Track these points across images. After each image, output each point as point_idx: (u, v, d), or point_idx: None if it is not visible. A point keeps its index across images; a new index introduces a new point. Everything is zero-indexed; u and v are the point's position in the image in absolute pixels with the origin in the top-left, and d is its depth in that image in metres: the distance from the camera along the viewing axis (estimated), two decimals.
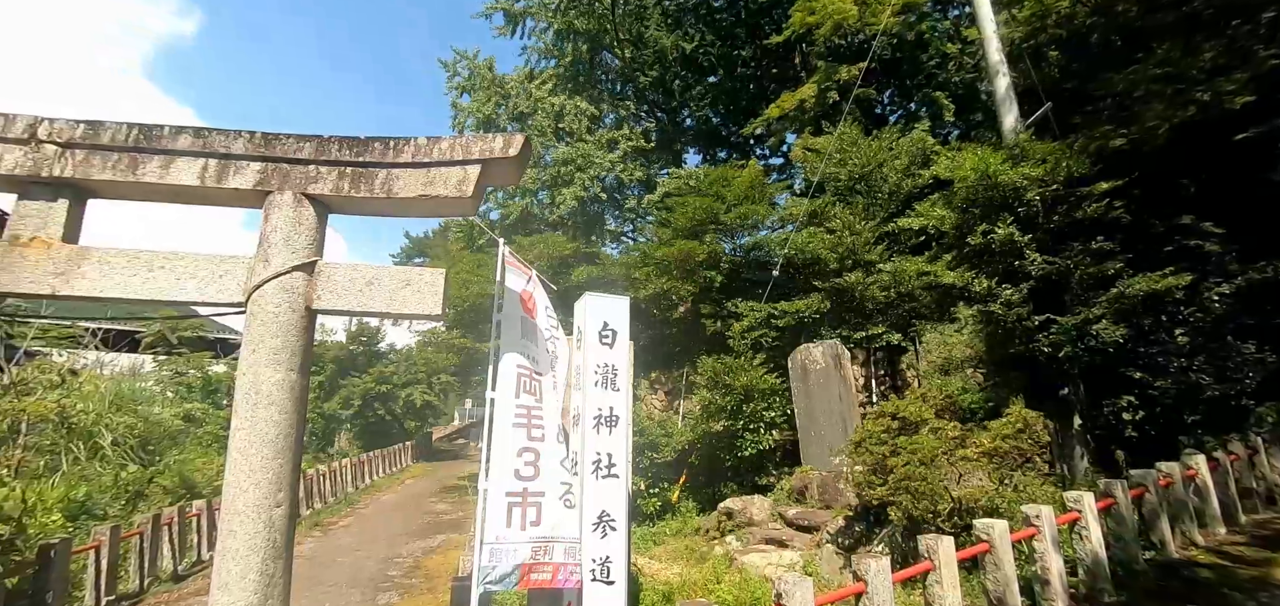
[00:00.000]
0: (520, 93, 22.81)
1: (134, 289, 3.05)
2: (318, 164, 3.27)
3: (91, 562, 6.08)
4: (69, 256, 3.06)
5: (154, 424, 10.50)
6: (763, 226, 12.87)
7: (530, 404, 3.94)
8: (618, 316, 4.14)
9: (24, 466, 7.17)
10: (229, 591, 2.66)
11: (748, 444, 9.22)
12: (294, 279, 3.07)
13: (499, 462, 3.50)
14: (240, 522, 2.71)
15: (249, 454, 2.79)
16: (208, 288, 3.08)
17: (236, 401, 2.87)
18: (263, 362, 2.90)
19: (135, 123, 3.20)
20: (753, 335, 10.56)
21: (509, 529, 3.49)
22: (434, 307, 3.27)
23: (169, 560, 7.29)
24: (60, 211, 3.14)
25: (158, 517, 7.19)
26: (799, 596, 3.65)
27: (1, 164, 3.11)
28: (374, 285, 3.22)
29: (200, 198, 3.32)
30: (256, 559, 2.71)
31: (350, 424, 20.45)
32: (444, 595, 7.15)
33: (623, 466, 3.89)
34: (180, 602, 6.65)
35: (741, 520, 8.70)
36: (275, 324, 2.97)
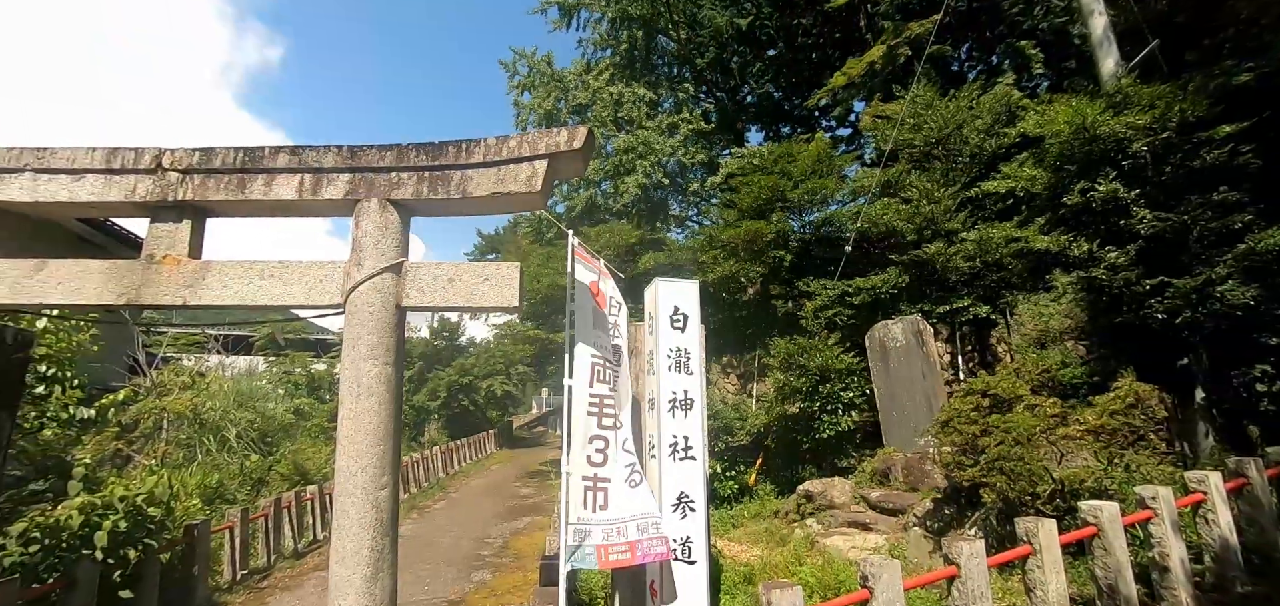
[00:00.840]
0: (578, 85, 23.11)
1: (249, 296, 3.38)
2: (398, 171, 3.49)
3: (227, 541, 6.85)
4: (195, 270, 3.44)
5: (270, 418, 11.63)
6: (832, 201, 12.43)
7: (603, 393, 4.04)
8: (688, 300, 4.15)
9: (167, 457, 8.16)
10: (346, 564, 2.92)
11: (825, 426, 9.00)
12: (384, 279, 3.30)
13: (577, 447, 3.62)
14: (351, 503, 2.98)
15: (356, 440, 3.05)
16: (311, 292, 3.37)
17: (342, 394, 3.13)
18: (362, 357, 3.15)
19: (241, 146, 3.54)
20: (826, 314, 10.25)
21: (586, 510, 3.62)
22: (511, 300, 3.42)
23: (289, 539, 8.07)
24: (185, 231, 3.53)
25: (279, 501, 7.98)
26: (886, 579, 3.56)
27: (135, 192, 3.53)
28: (455, 282, 3.41)
29: (299, 210, 3.63)
30: (367, 535, 2.97)
31: (438, 414, 21.69)
32: (532, 572, 7.49)
33: (699, 448, 3.92)
34: (301, 577, 7.34)
35: (822, 503, 8.53)
36: (371, 321, 3.21)
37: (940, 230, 10.17)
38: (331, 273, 3.39)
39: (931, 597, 5.07)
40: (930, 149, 11.15)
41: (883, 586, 3.55)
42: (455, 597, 6.63)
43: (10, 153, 3.58)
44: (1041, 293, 9.61)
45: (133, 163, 3.53)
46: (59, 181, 3.55)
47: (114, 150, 3.56)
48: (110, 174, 3.54)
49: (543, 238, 23.15)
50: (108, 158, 3.54)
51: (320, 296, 3.37)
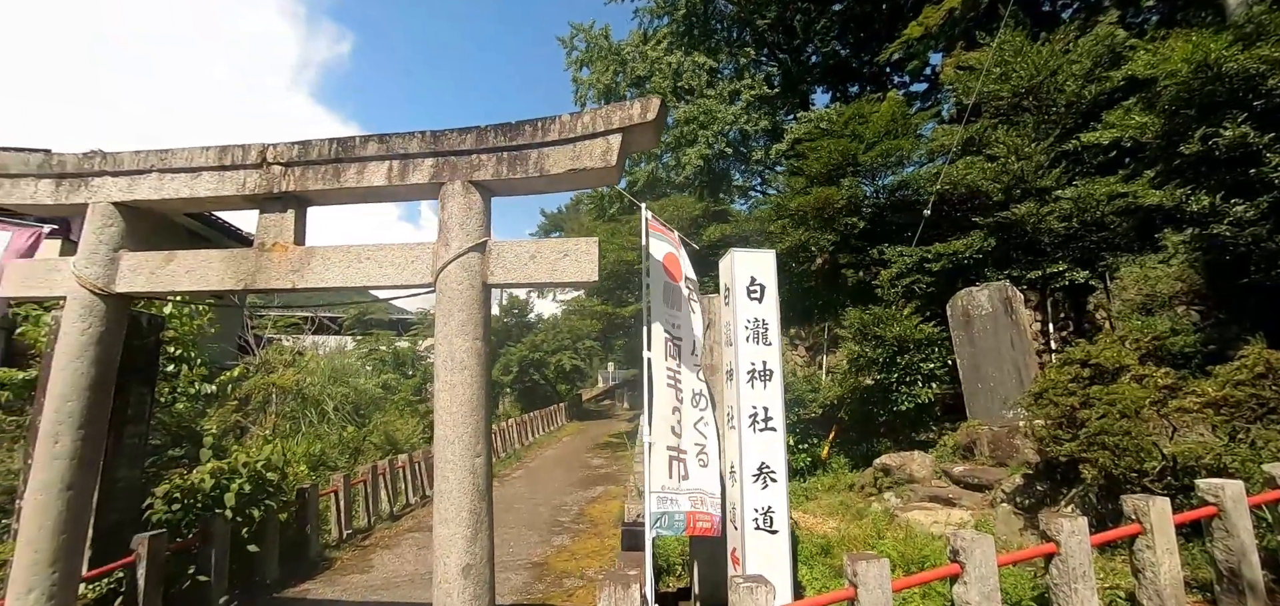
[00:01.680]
0: (636, 56, 22.87)
1: (348, 277, 3.62)
2: (478, 152, 3.60)
3: (333, 503, 7.48)
4: (300, 256, 3.71)
5: (361, 392, 12.49)
6: (908, 162, 11.77)
7: (675, 367, 4.08)
8: (764, 271, 4.08)
9: (277, 428, 8.95)
10: (448, 524, 3.13)
11: (903, 398, 8.67)
12: (470, 258, 3.44)
13: (658, 420, 3.68)
14: (451, 470, 3.17)
15: (452, 411, 3.23)
16: (403, 272, 3.57)
17: (437, 368, 3.32)
18: (454, 333, 3.32)
19: (335, 138, 3.76)
20: (903, 282, 9.80)
21: (671, 479, 3.69)
22: (590, 274, 3.49)
23: (385, 502, 8.71)
24: (289, 220, 3.81)
25: (375, 468, 8.61)
26: (979, 554, 3.43)
27: (245, 186, 3.84)
28: (536, 258, 3.51)
29: (388, 196, 3.83)
30: (466, 500, 3.15)
31: (510, 389, 22.57)
32: (608, 538, 7.74)
33: (779, 419, 3.89)
34: (398, 537, 7.92)
35: (900, 477, 8.27)
36: (461, 299, 3.37)
37: (1031, 188, 9.45)
38: (421, 254, 3.57)
39: (1025, 576, 4.84)
40: (1019, 100, 10.31)
41: (975, 561, 3.43)
42: (538, 559, 6.95)
43: (138, 156, 3.97)
44: (1148, 254, 8.76)
45: (241, 159, 3.83)
46: (181, 179, 3.90)
47: (224, 148, 3.87)
48: (222, 170, 3.86)
49: (605, 214, 23.32)
50: (219, 156, 3.86)
51: (412, 276, 3.56)
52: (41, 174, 4.07)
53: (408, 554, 7.21)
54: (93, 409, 3.74)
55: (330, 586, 6.12)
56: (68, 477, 3.60)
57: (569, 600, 5.79)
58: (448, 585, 3.09)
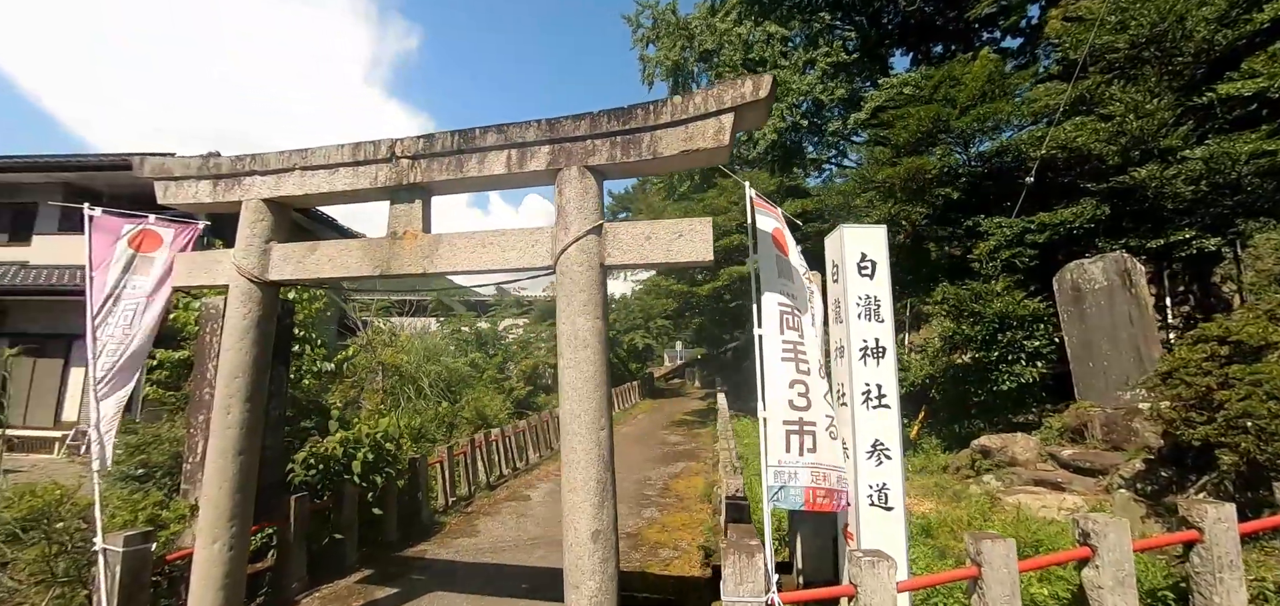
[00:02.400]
0: (704, 30, 22.44)
1: (473, 262, 3.85)
2: (592, 138, 3.71)
3: (439, 473, 8.02)
4: (429, 243, 3.97)
5: (452, 370, 13.22)
6: (1006, 127, 11.00)
7: (794, 339, 4.05)
8: (875, 247, 3.99)
9: (383, 402, 9.66)
10: (576, 492, 3.32)
11: (1004, 378, 8.24)
12: (588, 241, 3.57)
13: (773, 393, 3.70)
14: (579, 442, 3.34)
15: (577, 387, 3.39)
16: (525, 256, 3.76)
17: (561, 346, 3.49)
18: (577, 313, 3.47)
19: (456, 130, 3.98)
20: (1002, 255, 9.25)
21: (789, 454, 3.70)
22: (705, 254, 3.54)
23: (482, 473, 9.24)
24: (417, 210, 4.08)
25: (473, 441, 9.15)
26: (1113, 538, 3.28)
27: (377, 180, 4.13)
28: (651, 239, 3.60)
29: (506, 183, 4.02)
30: (593, 470, 3.32)
31: None
32: (696, 512, 7.89)
33: (893, 396, 3.82)
34: (497, 505, 8.40)
35: (1001, 459, 7.91)
36: (581, 280, 3.51)
37: (1153, 149, 8.63)
38: (541, 238, 3.74)
39: (1156, 565, 4.56)
40: (1139, 51, 9.39)
41: (1109, 545, 3.28)
42: (631, 530, 7.18)
43: (283, 156, 4.35)
44: None
45: (372, 154, 4.13)
46: (320, 175, 4.25)
47: (357, 145, 4.18)
48: (356, 165, 4.17)
49: (675, 192, 23.25)
50: (353, 152, 4.17)
51: (533, 259, 3.74)
52: (201, 175, 4.55)
53: (508, 521, 7.64)
54: (255, 383, 4.20)
55: (443, 548, 6.59)
56: (239, 443, 4.08)
57: (666, 569, 5.98)
58: (578, 548, 3.28)
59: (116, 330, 4.57)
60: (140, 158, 4.74)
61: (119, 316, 4.60)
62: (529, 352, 19.63)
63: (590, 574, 3.26)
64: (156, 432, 6.21)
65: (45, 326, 13.49)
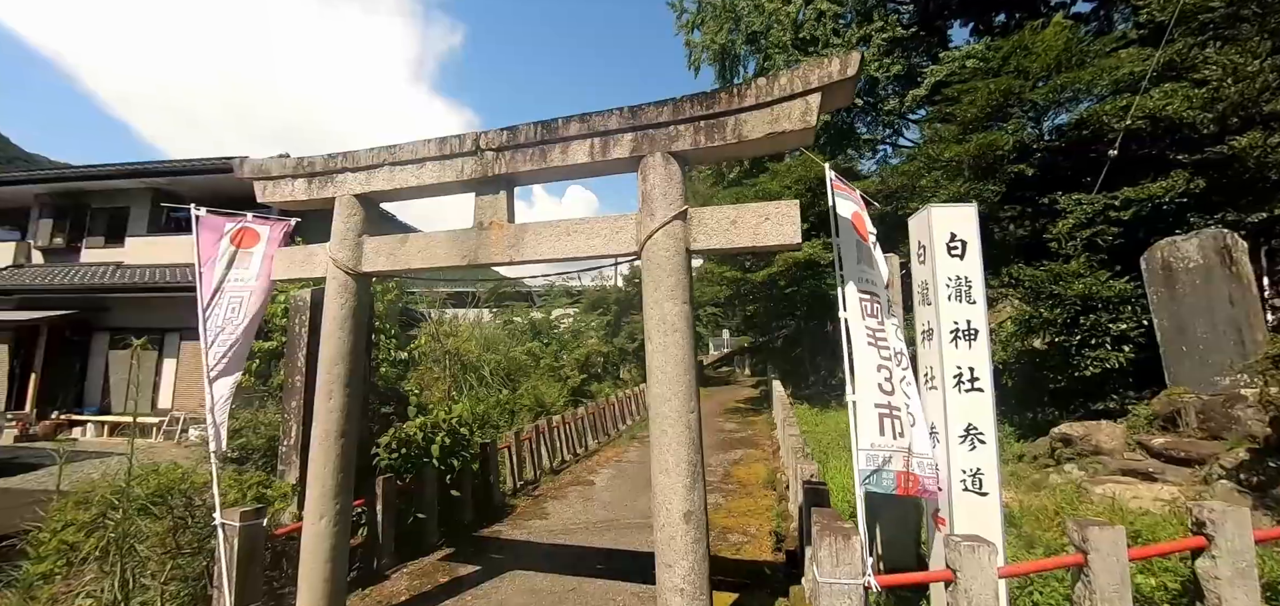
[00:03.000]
0: (751, 11, 22.01)
1: (559, 250, 3.93)
2: (675, 124, 3.72)
3: (507, 458, 8.27)
4: (515, 233, 4.08)
5: (510, 359, 13.55)
6: (1084, 97, 10.37)
7: (874, 326, 3.99)
8: (965, 226, 3.86)
9: (450, 390, 10.01)
10: (668, 474, 3.36)
11: (1088, 362, 7.83)
12: (674, 226, 3.59)
13: (862, 378, 3.65)
14: (669, 425, 3.39)
15: (666, 371, 3.44)
16: (610, 242, 3.81)
17: (649, 331, 3.53)
18: (664, 298, 3.50)
19: (539, 122, 4.05)
20: (1083, 234, 8.76)
21: (882, 437, 3.66)
22: (792, 237, 3.51)
23: (546, 458, 9.47)
24: (502, 201, 4.19)
25: (538, 427, 9.39)
26: (1232, 527, 3.11)
27: (463, 172, 4.26)
28: (737, 224, 3.59)
29: (589, 172, 4.08)
30: (684, 452, 3.36)
31: (633, 357, 23.21)
32: (760, 499, 7.88)
33: (986, 379, 3.71)
34: (562, 489, 8.61)
35: (1084, 448, 7.54)
36: (668, 265, 3.54)
37: (1254, 115, 7.99)
38: (626, 225, 3.79)
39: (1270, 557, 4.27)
40: (1237, 8, 8.67)
41: (1227, 535, 3.12)
42: None
43: (372, 152, 4.54)
44: None
45: (458, 148, 4.26)
46: (408, 170, 4.42)
47: (443, 139, 4.32)
48: (443, 159, 4.32)
49: (723, 180, 23.01)
50: (440, 146, 4.32)
51: (617, 246, 3.79)
52: (297, 174, 4.80)
53: (576, 504, 7.81)
54: (353, 369, 4.42)
55: (517, 529, 6.80)
56: (340, 426, 4.31)
57: (738, 553, 6.00)
58: (670, 529, 3.33)
59: (223, 321, 4.89)
60: (240, 160, 5.04)
61: (225, 308, 4.92)
62: (580, 341, 19.90)
63: (682, 553, 3.31)
64: (253, 418, 6.63)
65: (140, 321, 14.55)
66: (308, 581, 4.18)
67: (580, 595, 5.04)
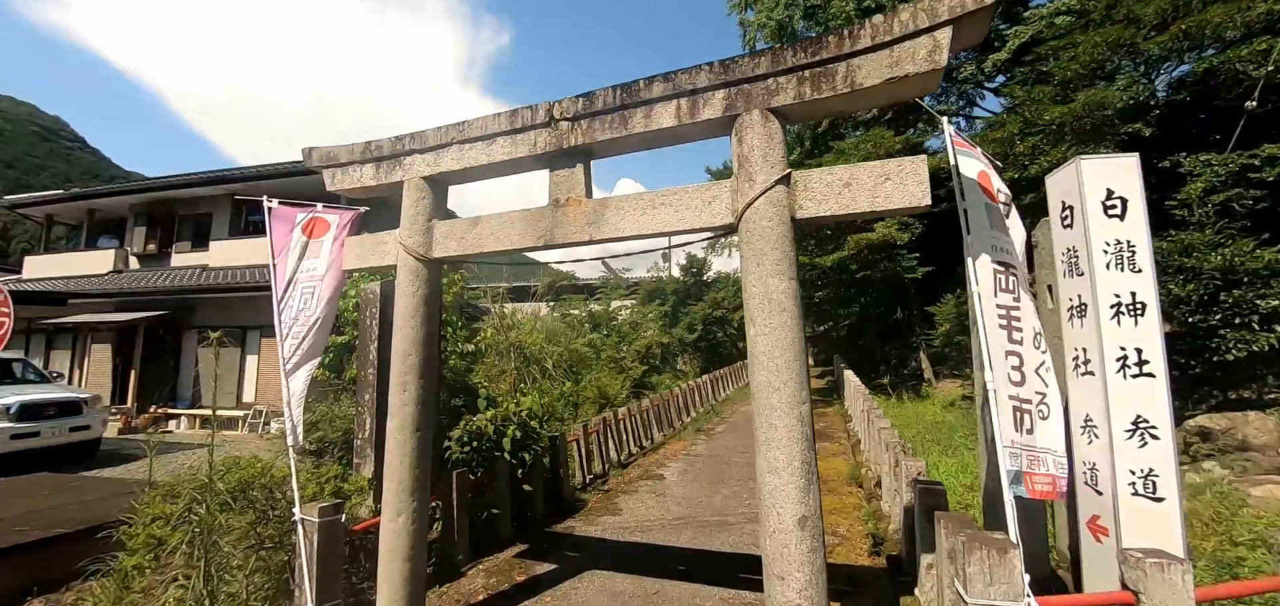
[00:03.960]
0: None
1: (644, 225, 3.56)
2: (775, 76, 3.27)
3: (575, 451, 8.04)
4: (594, 208, 3.74)
5: (572, 351, 13.40)
6: (1210, 44, 9.12)
7: (1008, 303, 3.44)
8: (1125, 180, 3.24)
9: (516, 383, 9.89)
10: (778, 474, 2.94)
11: (1230, 344, 6.84)
12: (777, 192, 3.15)
13: (997, 364, 3.13)
14: (778, 417, 2.97)
15: (774, 356, 3.01)
16: (701, 215, 3.41)
17: (752, 312, 3.11)
18: (769, 274, 3.08)
19: (618, 85, 3.69)
20: (1216, 198, 7.68)
21: (1017, 432, 3.13)
22: (920, 198, 3.01)
23: (614, 451, 9.20)
24: (579, 174, 3.86)
25: (605, 420, 9.13)
26: None
27: (536, 146, 3.95)
28: (851, 186, 3.11)
29: (675, 137, 3.69)
30: (797, 448, 2.94)
31: (692, 347, 22.83)
32: (845, 496, 7.32)
33: (1157, 362, 3.09)
34: (632, 484, 8.32)
35: (1227, 442, 6.59)
36: (772, 237, 3.11)
37: None
38: (719, 193, 3.38)
39: None
40: None
41: None
42: None
43: (440, 132, 4.30)
44: None
45: (530, 120, 3.95)
46: (478, 147, 4.16)
47: (514, 112, 4.03)
48: (515, 134, 4.02)
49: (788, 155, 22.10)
50: (510, 120, 4.03)
51: (710, 218, 3.39)
52: (365, 159, 4.64)
53: (647, 499, 7.49)
54: (428, 360, 4.22)
55: (590, 525, 6.54)
56: (417, 419, 4.12)
57: (830, 556, 5.50)
58: (783, 536, 2.92)
59: (297, 311, 4.81)
60: (309, 150, 4.94)
61: (298, 298, 4.84)
62: (638, 333, 19.62)
63: (798, 564, 2.89)
64: (329, 411, 6.63)
65: (223, 320, 15.28)
66: (387, 580, 4.02)
67: (665, 599, 4.70)
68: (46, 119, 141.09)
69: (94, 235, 20.49)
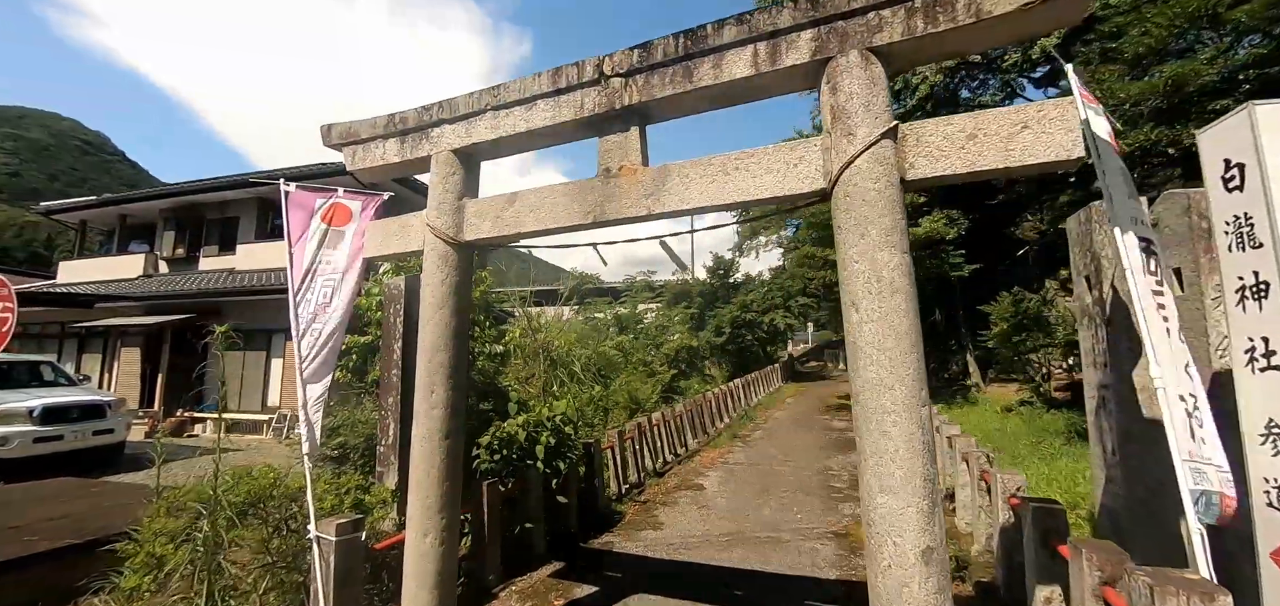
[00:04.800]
0: None
1: (714, 195, 3.01)
2: (877, 9, 2.70)
3: (610, 459, 7.50)
4: (653, 177, 3.21)
5: (601, 355, 12.88)
6: None
7: (1154, 285, 2.82)
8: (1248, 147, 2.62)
9: (548, 387, 9.40)
10: (895, 495, 2.36)
11: None
12: (882, 148, 2.58)
13: (1163, 356, 2.52)
14: (893, 423, 2.38)
15: (887, 347, 2.43)
16: (785, 179, 2.85)
17: (854, 294, 2.54)
18: (877, 246, 2.50)
19: (680, 32, 3.15)
20: None
21: (1192, 442, 2.51)
22: (1069, 148, 2.42)
23: (649, 458, 8.63)
24: (634, 139, 3.33)
25: (640, 426, 8.58)
26: None
27: (583, 108, 3.43)
28: (978, 138, 2.52)
29: (751, 90, 3.13)
30: (918, 462, 2.35)
31: (720, 351, 22.11)
32: None
33: None
34: (670, 494, 7.76)
35: None
36: (878, 202, 2.54)
37: None
38: (808, 153, 2.81)
39: None
40: None
41: None
42: (838, 529, 6.15)
43: (472, 98, 3.81)
44: None
45: (577, 78, 3.44)
46: (515, 114, 3.66)
47: (557, 71, 3.52)
48: (558, 95, 3.51)
49: None
50: (553, 79, 3.52)
51: (797, 183, 2.82)
52: (388, 133, 4.18)
53: (689, 512, 6.91)
54: (457, 359, 3.73)
55: (630, 541, 5.99)
56: (445, 426, 3.62)
57: None
58: (902, 572, 2.33)
59: (316, 307, 4.38)
60: (328, 127, 4.49)
61: (317, 292, 4.40)
62: (665, 336, 19.04)
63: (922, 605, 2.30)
64: (351, 415, 6.21)
65: (250, 322, 15.12)
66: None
67: None
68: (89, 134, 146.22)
69: (125, 240, 20.67)
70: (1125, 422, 3.68)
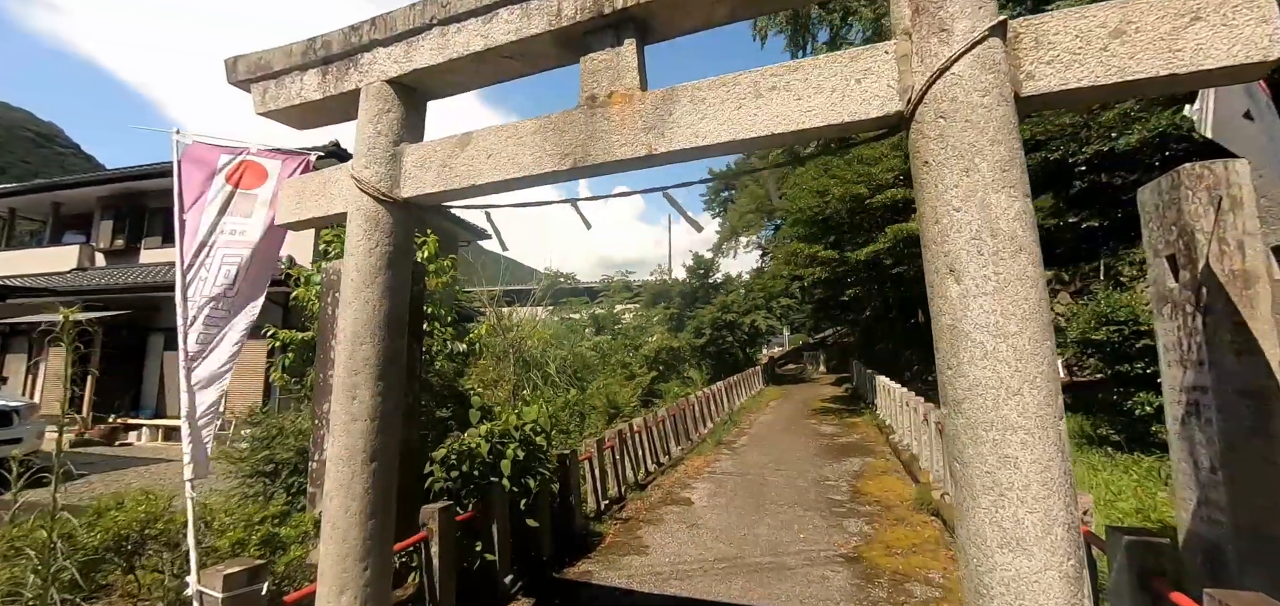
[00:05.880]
0: None
1: (742, 126, 2.20)
2: None
3: (588, 470, 6.65)
4: (655, 105, 2.38)
5: (577, 356, 12.00)
6: None
7: None
8: None
9: (517, 390, 8.50)
10: (1031, 554, 1.55)
11: None
12: (987, 51, 1.80)
13: None
14: (1020, 443, 1.59)
15: (1006, 333, 1.64)
16: (843, 102, 2.05)
17: (954, 258, 1.74)
18: (990, 185, 1.72)
19: None
20: None
21: None
22: (1262, 45, 1.66)
23: (629, 470, 7.79)
24: (629, 54, 2.50)
25: (620, 434, 7.72)
26: None
27: (561, 16, 2.57)
28: (1125, 35, 1.76)
29: None
30: (1057, 502, 1.57)
31: (701, 352, 21.35)
32: (918, 526, 5.98)
33: None
34: (654, 509, 6.97)
35: None
36: (990, 124, 1.75)
37: None
38: (874, 64, 2.02)
39: None
40: None
41: None
42: (848, 552, 5.40)
43: (413, 10, 2.92)
44: None
45: None
46: (469, 28, 2.79)
47: None
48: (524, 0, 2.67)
49: None
50: None
51: (860, 105, 2.03)
52: (306, 63, 3.25)
53: (677, 531, 6.09)
54: (389, 352, 2.84)
55: (612, 570, 5.15)
56: (371, 443, 2.73)
57: None
58: None
59: (212, 289, 3.45)
60: (234, 59, 3.54)
61: (215, 271, 3.48)
62: (644, 337, 18.22)
63: None
64: (280, 424, 5.25)
65: None
66: None
67: None
68: (41, 125, 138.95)
69: (59, 231, 19.00)
70: (1230, 432, 3.00)
